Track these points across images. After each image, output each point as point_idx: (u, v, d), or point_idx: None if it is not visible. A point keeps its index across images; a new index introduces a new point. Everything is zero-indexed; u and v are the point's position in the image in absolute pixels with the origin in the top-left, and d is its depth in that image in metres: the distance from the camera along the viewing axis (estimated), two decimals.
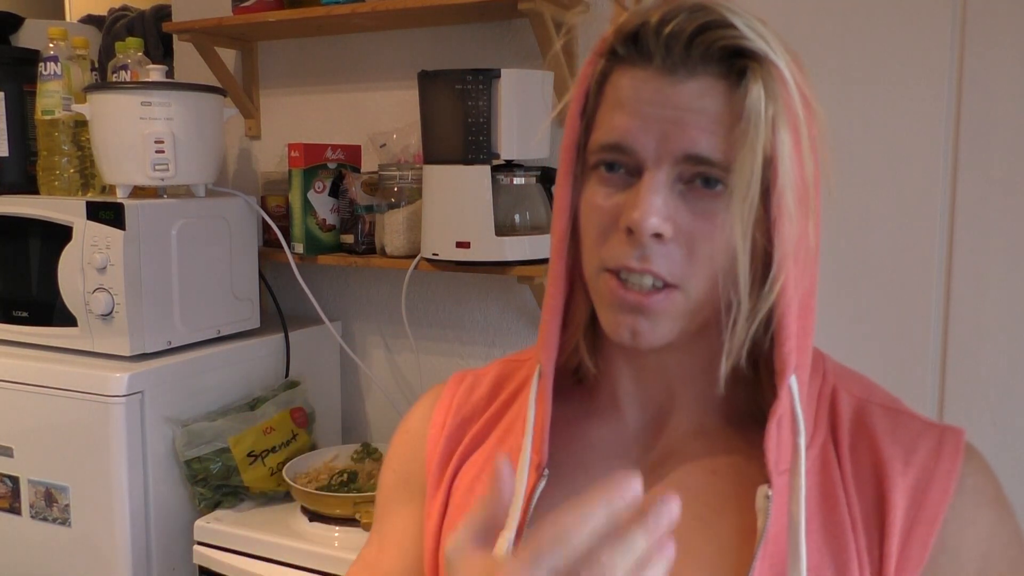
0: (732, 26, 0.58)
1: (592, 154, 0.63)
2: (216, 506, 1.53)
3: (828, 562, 0.60)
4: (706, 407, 0.68)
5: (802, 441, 0.61)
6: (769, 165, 0.58)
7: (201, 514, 1.52)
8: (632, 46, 0.61)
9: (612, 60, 0.63)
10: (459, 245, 1.47)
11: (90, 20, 2.22)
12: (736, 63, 0.58)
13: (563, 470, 0.68)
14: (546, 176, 1.53)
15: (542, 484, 0.65)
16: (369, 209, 1.68)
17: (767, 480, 0.60)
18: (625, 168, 0.61)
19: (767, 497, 0.60)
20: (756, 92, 0.57)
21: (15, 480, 1.51)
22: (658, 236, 0.59)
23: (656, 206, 0.59)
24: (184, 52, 2.00)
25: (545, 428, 0.66)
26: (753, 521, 0.61)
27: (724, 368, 0.63)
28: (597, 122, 0.63)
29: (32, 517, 1.50)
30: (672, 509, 0.45)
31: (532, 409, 0.67)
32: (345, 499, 1.44)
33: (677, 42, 0.58)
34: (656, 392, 0.69)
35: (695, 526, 0.63)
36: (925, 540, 0.59)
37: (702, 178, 0.60)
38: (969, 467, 0.62)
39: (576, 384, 0.74)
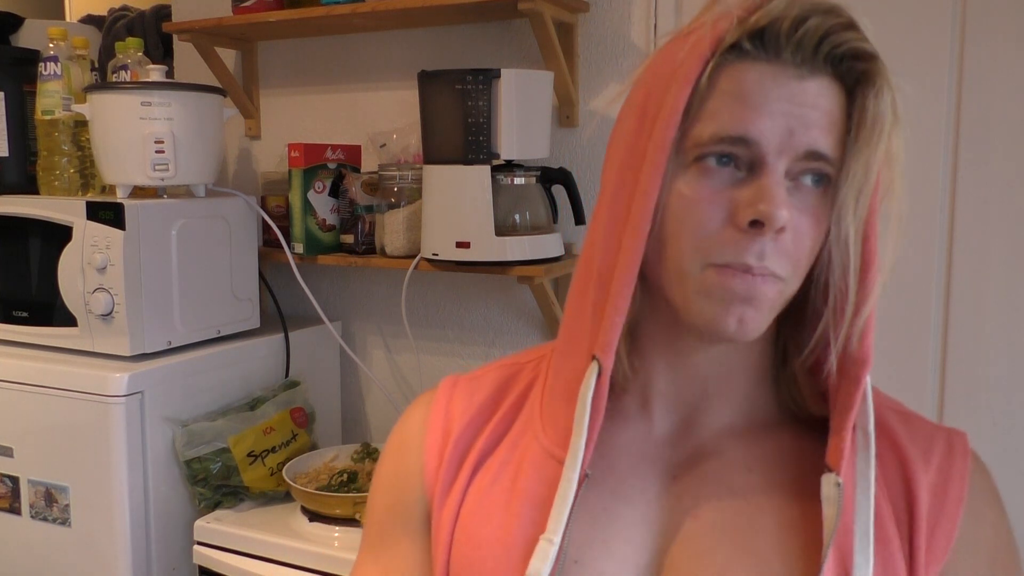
0: (857, 29, 0.60)
1: (700, 146, 0.61)
2: (216, 506, 1.53)
3: (876, 553, 0.62)
4: (737, 405, 0.69)
5: (871, 427, 0.63)
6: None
7: (201, 514, 1.52)
8: (759, 41, 0.61)
9: (729, 54, 0.62)
10: (459, 245, 1.47)
11: (90, 20, 2.22)
12: (853, 65, 0.61)
13: (595, 473, 0.67)
14: (546, 176, 1.53)
15: (584, 488, 0.65)
16: (369, 209, 1.68)
17: (832, 469, 0.62)
18: (735, 162, 0.61)
19: (838, 485, 0.61)
20: (887, 95, 0.60)
21: (15, 480, 1.51)
22: (780, 229, 0.60)
23: (784, 199, 0.59)
24: (184, 52, 2.00)
25: (596, 430, 0.65)
26: (801, 512, 0.63)
27: (833, 362, 0.64)
28: (706, 114, 0.61)
29: (32, 517, 1.50)
30: None
31: (587, 410, 0.64)
32: (345, 499, 1.44)
33: (810, 40, 0.60)
34: (690, 392, 0.70)
35: (739, 522, 0.64)
36: (948, 536, 0.63)
37: (813, 175, 0.61)
38: (975, 468, 0.66)
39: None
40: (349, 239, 1.71)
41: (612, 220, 0.65)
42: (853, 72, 0.61)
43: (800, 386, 0.69)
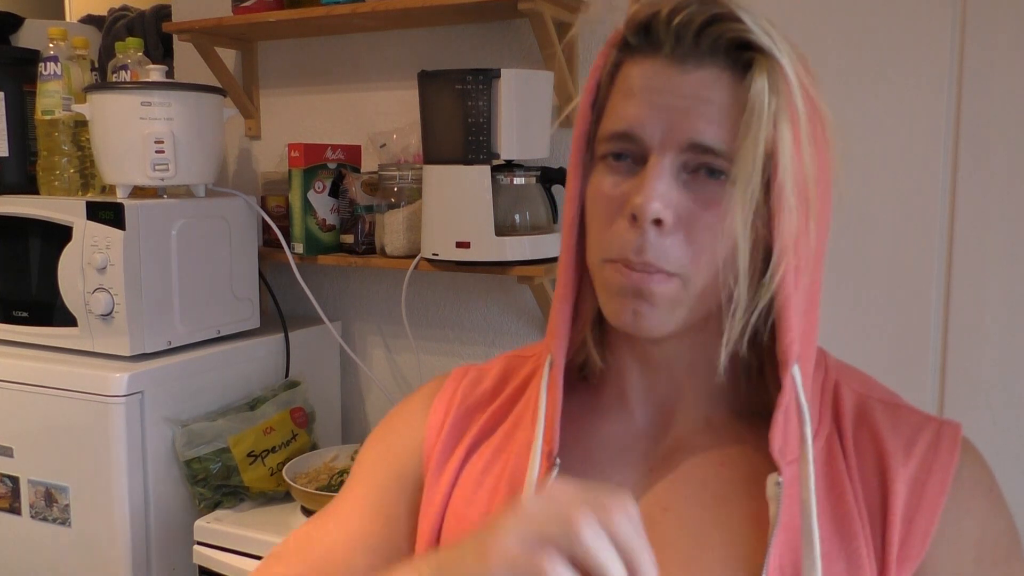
0: (740, 20, 0.60)
1: (600, 143, 0.64)
2: (216, 506, 1.53)
3: (838, 549, 0.61)
4: (712, 400, 0.70)
5: (808, 430, 0.62)
6: (771, 158, 0.59)
7: (201, 514, 1.52)
8: (643, 36, 0.62)
9: (624, 51, 0.64)
10: (459, 245, 1.47)
11: (90, 20, 2.22)
12: (742, 56, 0.60)
13: (572, 465, 0.68)
14: (546, 176, 1.53)
15: (554, 473, 0.66)
16: (369, 209, 1.68)
17: (776, 469, 0.61)
18: (632, 157, 0.62)
19: (778, 484, 0.61)
20: (760, 84, 0.59)
21: (15, 480, 1.51)
22: (658, 222, 0.60)
23: (659, 191, 0.60)
24: (184, 52, 2.00)
25: (556, 417, 0.66)
26: (763, 509, 0.62)
27: (723, 357, 0.63)
28: (607, 112, 0.64)
29: (32, 517, 1.50)
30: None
31: (544, 398, 0.67)
32: None
33: (687, 32, 0.60)
34: (662, 386, 0.70)
35: (705, 516, 0.64)
36: (926, 530, 0.61)
37: (706, 168, 0.61)
38: (965, 459, 0.65)
39: (581, 381, 0.75)
40: (349, 239, 1.71)
41: (564, 218, 0.69)
42: (742, 62, 0.60)
43: (768, 381, 0.68)
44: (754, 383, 0.69)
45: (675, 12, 0.60)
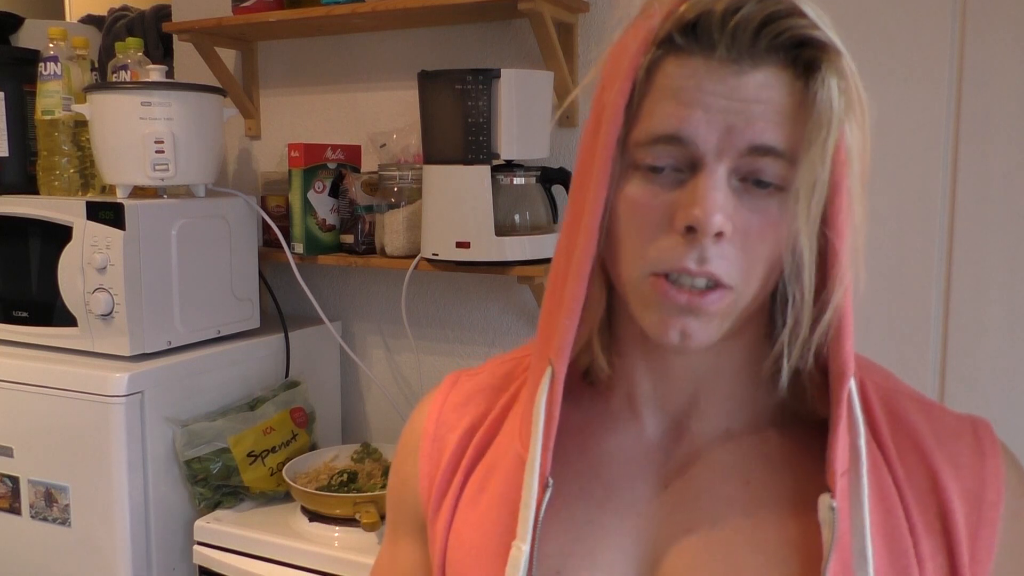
0: (803, 15, 0.55)
1: (638, 147, 0.58)
2: (216, 506, 1.53)
3: (888, 565, 0.58)
4: (731, 410, 0.66)
5: (862, 443, 0.59)
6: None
7: (201, 514, 1.52)
8: (691, 35, 0.56)
9: (664, 49, 0.57)
10: (459, 245, 1.47)
11: (90, 20, 2.22)
12: (801, 53, 0.56)
13: (580, 481, 0.65)
14: (546, 176, 1.53)
15: (548, 494, 0.62)
16: (369, 209, 1.68)
17: (827, 488, 0.58)
18: (674, 163, 0.57)
19: (832, 509, 0.57)
20: (831, 86, 0.54)
21: (15, 480, 1.51)
22: (719, 235, 0.55)
23: (719, 203, 0.55)
24: (184, 52, 2.00)
25: (551, 436, 0.62)
26: (801, 532, 0.59)
27: (785, 373, 0.60)
28: (644, 113, 0.58)
29: (32, 517, 1.50)
30: None
31: (542, 416, 0.62)
32: (345, 499, 1.44)
33: (744, 31, 0.55)
34: (677, 393, 0.66)
35: (737, 539, 0.61)
36: (990, 541, 0.60)
37: (755, 178, 0.56)
38: (1007, 462, 0.63)
39: (587, 386, 0.70)
40: (349, 239, 1.71)
41: (570, 222, 0.63)
42: (802, 60, 0.56)
43: (805, 386, 0.63)
44: (774, 390, 0.65)
45: (730, 12, 0.55)
